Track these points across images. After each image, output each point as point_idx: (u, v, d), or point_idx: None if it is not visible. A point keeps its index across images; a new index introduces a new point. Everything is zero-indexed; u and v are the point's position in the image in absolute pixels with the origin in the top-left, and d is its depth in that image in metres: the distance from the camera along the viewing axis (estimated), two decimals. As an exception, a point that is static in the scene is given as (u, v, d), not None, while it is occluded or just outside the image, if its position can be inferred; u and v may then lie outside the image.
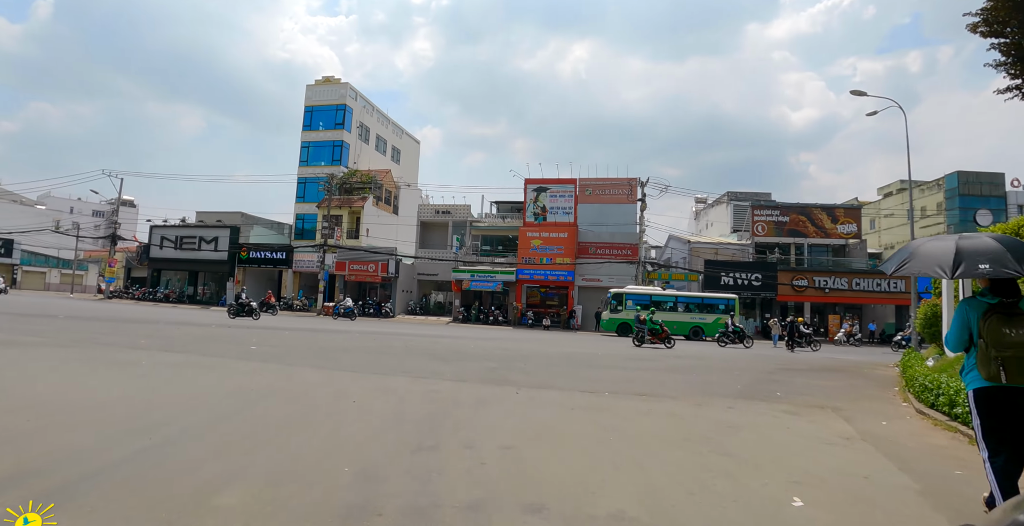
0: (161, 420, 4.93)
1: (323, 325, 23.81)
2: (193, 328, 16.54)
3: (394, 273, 39.21)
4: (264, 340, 13.81)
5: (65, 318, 17.24)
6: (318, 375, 8.31)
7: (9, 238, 54.65)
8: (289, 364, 9.26)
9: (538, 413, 6.31)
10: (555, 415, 6.30)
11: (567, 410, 6.62)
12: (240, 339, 13.49)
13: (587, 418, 6.20)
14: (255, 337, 14.43)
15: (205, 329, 16.42)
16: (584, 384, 9.15)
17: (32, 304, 24.47)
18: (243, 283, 43.06)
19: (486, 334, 25.18)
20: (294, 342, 14.11)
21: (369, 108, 53.97)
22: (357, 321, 31.20)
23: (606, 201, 42.32)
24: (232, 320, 22.77)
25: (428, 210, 44.33)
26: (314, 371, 8.68)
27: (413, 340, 17.46)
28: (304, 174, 48.44)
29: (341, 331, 19.81)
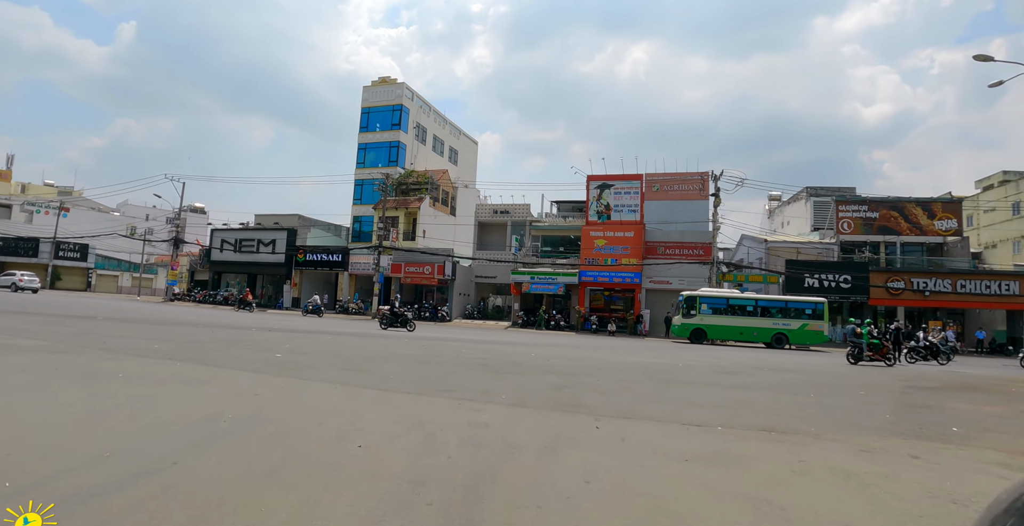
0: (38, 474, 3.10)
1: (374, 329, 22.27)
2: (230, 331, 15.18)
3: (451, 275, 37.62)
4: (298, 347, 12.14)
5: (103, 320, 16.26)
6: (335, 395, 6.40)
7: (84, 243, 56.51)
8: (306, 378, 7.42)
9: (638, 470, 4.11)
10: (664, 474, 4.09)
11: (678, 463, 4.40)
12: (270, 345, 11.87)
13: (716, 481, 3.96)
14: (290, 343, 12.81)
15: (239, 333, 15.00)
16: (682, 411, 6.89)
17: (81, 305, 24.09)
18: (301, 286, 42.52)
19: (547, 340, 23.04)
20: (331, 349, 12.39)
21: (426, 108, 52.93)
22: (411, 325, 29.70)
23: (675, 197, 39.43)
24: (384, 330, 22.03)
25: (486, 210, 42.63)
26: (332, 388, 6.79)
27: (466, 347, 15.51)
28: (361, 176, 47.74)
29: (390, 336, 18.12)
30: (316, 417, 5.19)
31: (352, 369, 8.69)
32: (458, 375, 8.96)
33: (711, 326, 29.29)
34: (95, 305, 25.14)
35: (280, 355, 9.94)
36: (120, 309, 23.44)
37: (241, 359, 9.04)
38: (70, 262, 56.14)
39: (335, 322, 27.46)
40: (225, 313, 28.76)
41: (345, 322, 28.56)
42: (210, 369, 7.69)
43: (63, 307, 21.68)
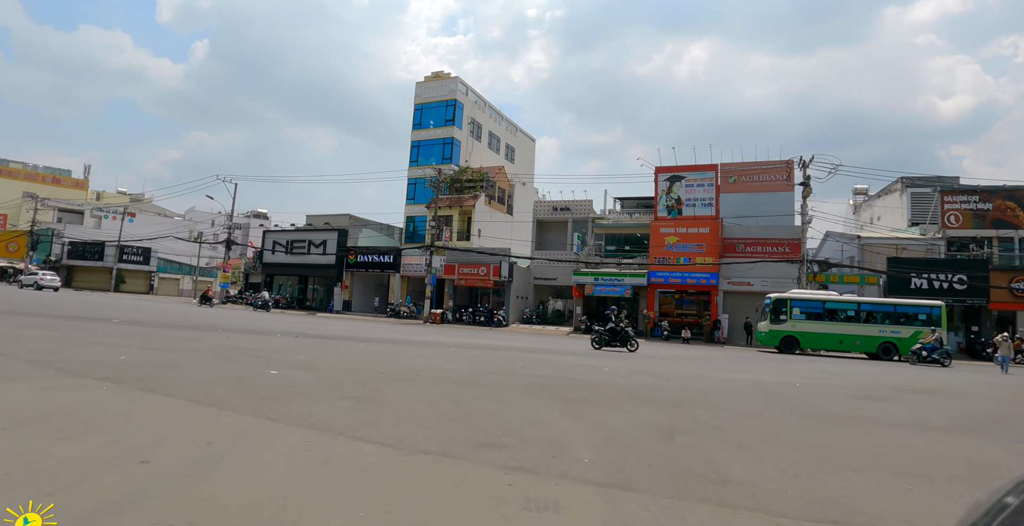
0: None
1: (419, 335, 19.83)
2: (248, 337, 12.98)
3: (507, 277, 34.99)
4: (315, 358, 9.70)
5: (118, 322, 14.41)
6: (292, 458, 3.73)
7: (147, 247, 57.11)
8: (275, 417, 4.80)
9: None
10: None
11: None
12: (279, 356, 9.44)
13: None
14: (306, 353, 10.38)
15: (257, 339, 12.75)
16: (900, 491, 3.89)
17: (110, 306, 22.68)
18: (352, 288, 40.86)
19: (617, 350, 20.03)
20: (353, 361, 9.88)
21: (481, 104, 50.72)
22: (462, 330, 27.17)
23: (755, 189, 35.54)
24: (476, 332, 19.43)
25: (545, 207, 39.84)
26: (300, 441, 4.12)
27: (524, 359, 12.75)
28: (414, 175, 45.90)
29: (434, 344, 15.56)
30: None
31: (359, 398, 6.02)
32: (511, 408, 6.17)
33: (805, 333, 25.49)
34: (128, 306, 23.81)
35: (276, 372, 7.43)
36: (151, 311, 21.90)
37: (214, 379, 6.55)
38: (133, 266, 56.81)
39: (382, 326, 25.28)
40: (266, 316, 27.10)
41: (393, 326, 26.35)
42: (144, 397, 5.20)
43: (82, 307, 20.21)
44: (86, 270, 56.69)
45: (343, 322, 27.50)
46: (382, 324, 29.05)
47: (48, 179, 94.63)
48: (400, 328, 25.48)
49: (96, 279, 56.15)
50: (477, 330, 29.64)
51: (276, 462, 3.55)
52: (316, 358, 9.68)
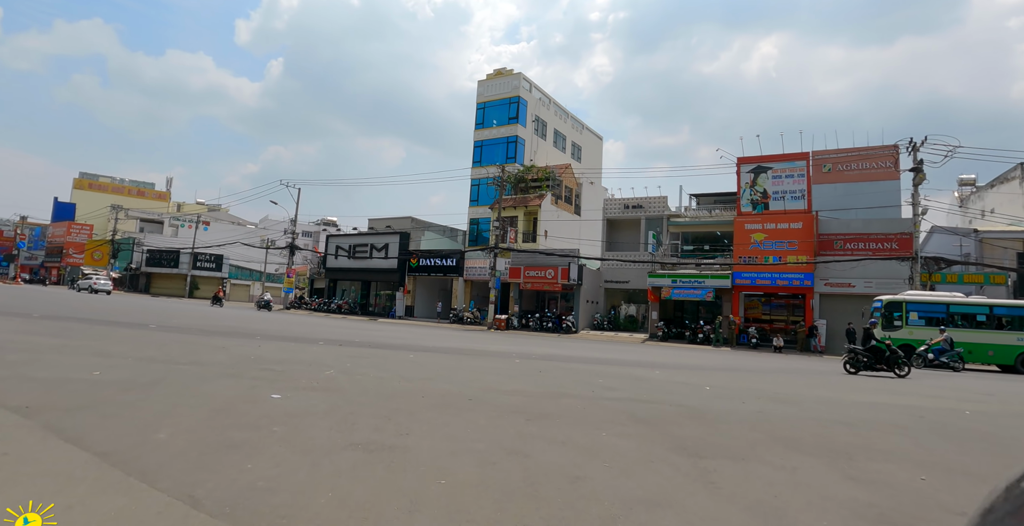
0: None
1: (481, 342, 17.89)
2: (281, 345, 11.37)
3: (577, 279, 32.71)
4: (351, 371, 7.88)
5: (154, 328, 13.19)
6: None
7: (219, 254, 58.19)
8: (198, 495, 2.85)
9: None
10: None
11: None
12: (298, 372, 7.65)
13: None
14: (339, 366, 8.58)
15: (290, 349, 11.11)
16: None
17: (159, 309, 21.95)
18: (414, 293, 39.62)
19: (706, 361, 17.43)
20: (392, 377, 7.99)
21: (545, 101, 48.76)
22: (528, 337, 25.10)
23: (853, 178, 31.89)
24: (516, 360, 17.78)
25: (615, 205, 37.32)
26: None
27: (603, 374, 10.54)
28: (477, 175, 44.40)
29: (496, 354, 13.55)
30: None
31: (372, 446, 4.00)
32: (603, 464, 3.98)
33: (925, 342, 21.97)
34: (181, 310, 23.03)
35: (279, 396, 5.58)
36: (202, 316, 20.93)
37: (180, 410, 4.72)
38: (206, 272, 57.99)
39: (442, 333, 23.56)
40: (324, 322, 25.94)
41: (454, 333, 24.60)
42: (32, 443, 3.37)
43: (129, 311, 19.29)
44: (162, 277, 58.31)
45: (402, 328, 26.01)
46: (443, 330, 27.39)
47: (133, 192, 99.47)
48: (461, 335, 23.68)
49: (171, 285, 57.62)
50: (544, 337, 27.51)
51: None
52: (348, 373, 7.85)
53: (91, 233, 65.91)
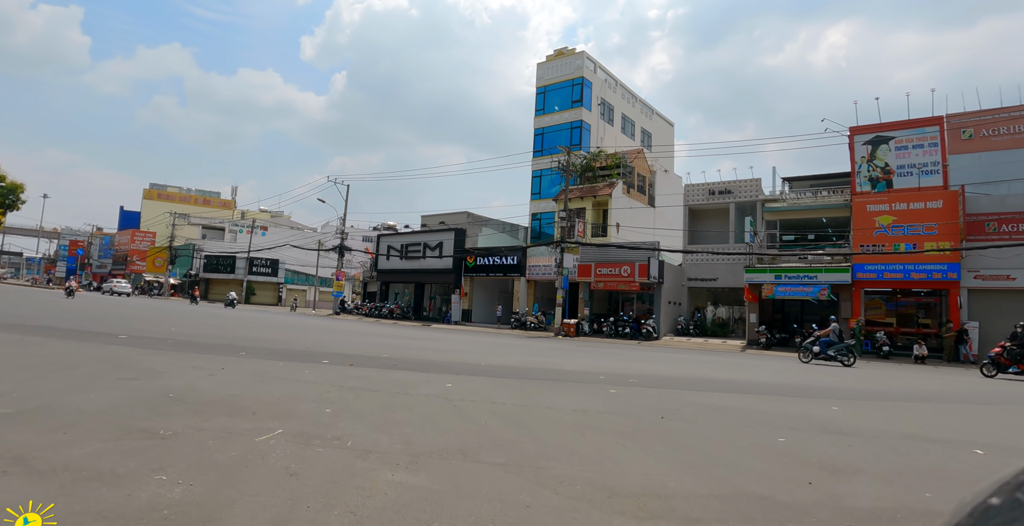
0: None
1: (549, 354, 13.73)
2: (254, 365, 7.68)
3: (657, 277, 28.06)
4: (333, 418, 3.91)
5: (123, 339, 9.82)
6: None
7: (275, 258, 56.52)
8: None
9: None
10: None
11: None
12: (205, 439, 3.71)
13: None
14: (321, 411, 4.69)
15: (294, 366, 7.33)
16: None
17: (175, 316, 18.87)
18: (472, 295, 35.88)
19: (837, 380, 12.65)
20: (394, 441, 3.94)
21: (611, 82, 44.24)
22: (604, 345, 20.71)
23: (1004, 145, 25.96)
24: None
25: (698, 191, 32.40)
26: None
27: (769, 420, 6.21)
28: (538, 166, 40.35)
29: (572, 375, 9.35)
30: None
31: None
32: None
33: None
34: (197, 317, 19.93)
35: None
36: (214, 324, 17.65)
37: None
38: (262, 277, 56.40)
39: (501, 341, 19.56)
40: (369, 328, 22.41)
41: (516, 341, 20.56)
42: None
43: (132, 317, 16.17)
44: (220, 283, 57.13)
45: (455, 336, 22.19)
46: (503, 338, 23.41)
47: (199, 201, 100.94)
48: (525, 345, 19.58)
49: (228, 291, 56.25)
50: (623, 346, 23.10)
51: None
52: (297, 462, 3.86)
53: (154, 240, 65.91)
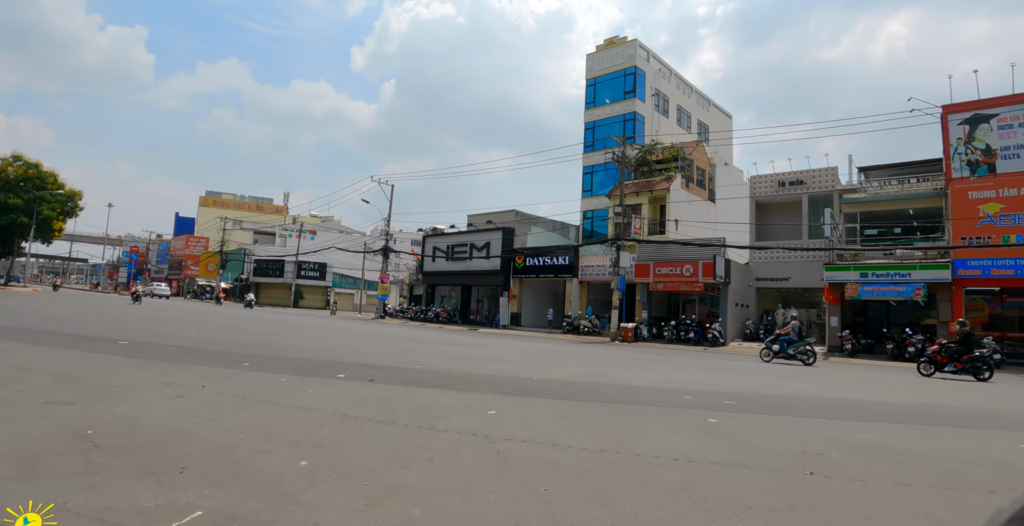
0: None
1: (607, 364, 11.75)
2: (225, 383, 6.09)
3: (723, 277, 25.61)
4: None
5: (124, 344, 8.46)
6: None
7: (323, 262, 56.18)
8: None
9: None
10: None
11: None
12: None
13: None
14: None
15: (300, 381, 5.69)
16: None
17: (213, 316, 17.71)
18: (520, 298, 34.07)
19: (977, 397, 10.15)
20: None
21: (665, 72, 41.84)
22: (669, 352, 18.46)
23: None
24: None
25: (766, 183, 29.68)
26: None
27: (859, 446, 4.11)
28: (590, 161, 38.32)
29: (652, 398, 7.32)
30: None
31: None
32: None
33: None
34: (224, 320, 18.74)
35: None
36: (267, 327, 16.37)
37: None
38: (310, 281, 56.12)
39: (551, 348, 17.65)
40: (412, 332, 20.85)
41: (568, 347, 18.59)
42: None
43: (148, 321, 14.98)
44: (269, 287, 57.20)
45: (502, 342, 20.39)
46: (554, 343, 21.49)
47: (252, 207, 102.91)
48: (580, 351, 17.59)
49: (277, 295, 56.30)
50: (689, 353, 20.84)
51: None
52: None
53: (207, 245, 66.80)
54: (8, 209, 44.35)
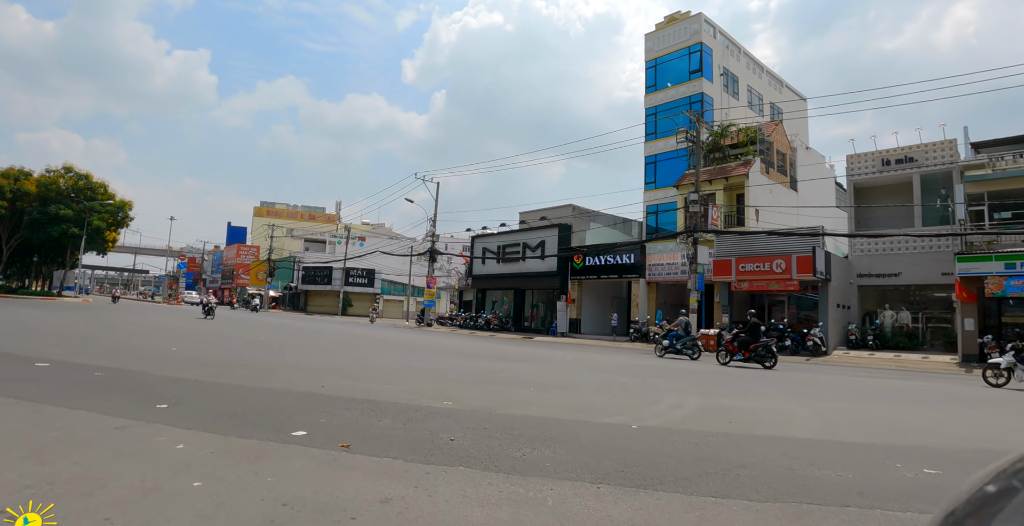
0: None
1: (714, 394, 8.32)
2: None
3: (824, 273, 21.57)
4: None
5: (102, 374, 5.81)
6: None
7: (370, 268, 54.26)
8: None
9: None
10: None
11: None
12: None
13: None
14: None
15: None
16: None
17: (261, 326, 15.07)
18: (580, 302, 30.68)
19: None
20: None
21: (734, 49, 37.81)
22: (775, 370, 14.70)
23: None
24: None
25: (867, 162, 25.35)
26: None
27: None
28: (653, 150, 34.68)
29: (855, 489, 4.02)
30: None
31: None
32: None
33: None
34: (271, 325, 16.05)
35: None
36: (281, 336, 13.65)
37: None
38: (358, 288, 54.24)
39: (622, 361, 14.27)
40: (457, 341, 17.76)
41: (641, 361, 15.15)
42: None
43: (153, 334, 12.36)
44: (318, 294, 55.71)
45: (562, 352, 17.10)
46: (626, 355, 18.05)
47: (305, 216, 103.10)
48: (659, 366, 14.14)
49: (326, 303, 54.69)
50: (795, 366, 17.03)
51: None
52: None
53: (257, 254, 66.19)
54: (59, 220, 44.05)
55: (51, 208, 43.84)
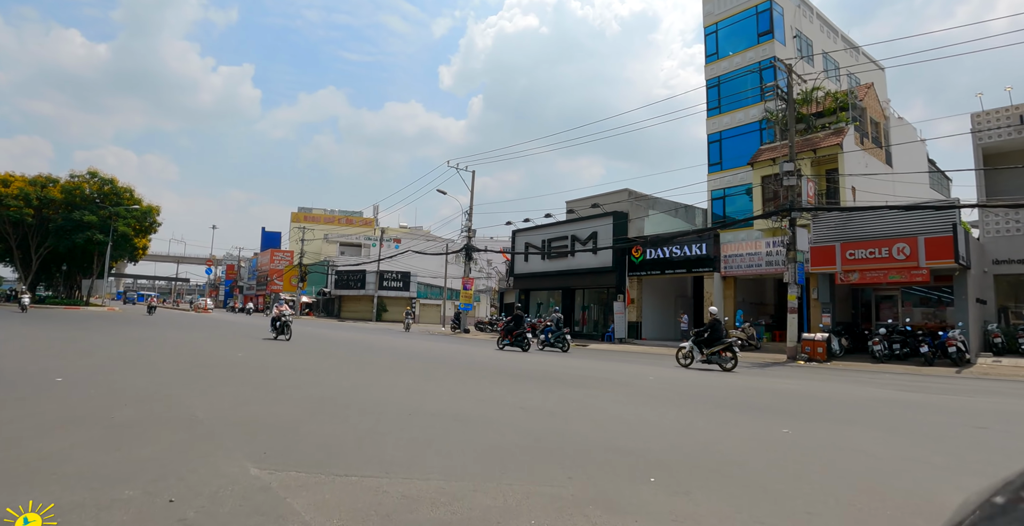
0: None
1: (868, 425, 4.32)
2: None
3: (963, 260, 16.80)
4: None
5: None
6: None
7: (406, 271, 51.05)
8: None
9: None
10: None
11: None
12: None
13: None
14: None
15: None
16: None
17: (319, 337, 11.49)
18: (640, 303, 26.37)
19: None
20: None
21: (806, 9, 33.00)
22: (918, 383, 10.13)
23: None
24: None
25: (999, 121, 20.41)
26: None
27: None
28: (717, 127, 30.20)
29: None
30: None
31: None
32: None
33: None
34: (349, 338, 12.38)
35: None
36: (368, 343, 9.97)
37: None
38: (393, 292, 51.06)
39: (724, 380, 10.10)
40: (495, 354, 13.81)
41: (747, 377, 10.90)
42: None
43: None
44: (352, 299, 52.82)
45: (626, 368, 13.00)
46: (695, 373, 13.77)
47: (342, 220, 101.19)
48: (769, 388, 9.89)
49: (360, 308, 51.70)
50: (945, 382, 12.52)
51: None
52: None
53: (291, 259, 63.90)
54: (84, 226, 42.13)
55: (75, 214, 42.01)
